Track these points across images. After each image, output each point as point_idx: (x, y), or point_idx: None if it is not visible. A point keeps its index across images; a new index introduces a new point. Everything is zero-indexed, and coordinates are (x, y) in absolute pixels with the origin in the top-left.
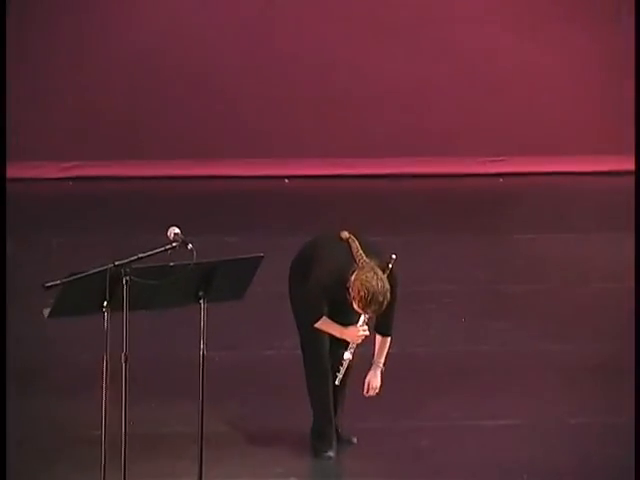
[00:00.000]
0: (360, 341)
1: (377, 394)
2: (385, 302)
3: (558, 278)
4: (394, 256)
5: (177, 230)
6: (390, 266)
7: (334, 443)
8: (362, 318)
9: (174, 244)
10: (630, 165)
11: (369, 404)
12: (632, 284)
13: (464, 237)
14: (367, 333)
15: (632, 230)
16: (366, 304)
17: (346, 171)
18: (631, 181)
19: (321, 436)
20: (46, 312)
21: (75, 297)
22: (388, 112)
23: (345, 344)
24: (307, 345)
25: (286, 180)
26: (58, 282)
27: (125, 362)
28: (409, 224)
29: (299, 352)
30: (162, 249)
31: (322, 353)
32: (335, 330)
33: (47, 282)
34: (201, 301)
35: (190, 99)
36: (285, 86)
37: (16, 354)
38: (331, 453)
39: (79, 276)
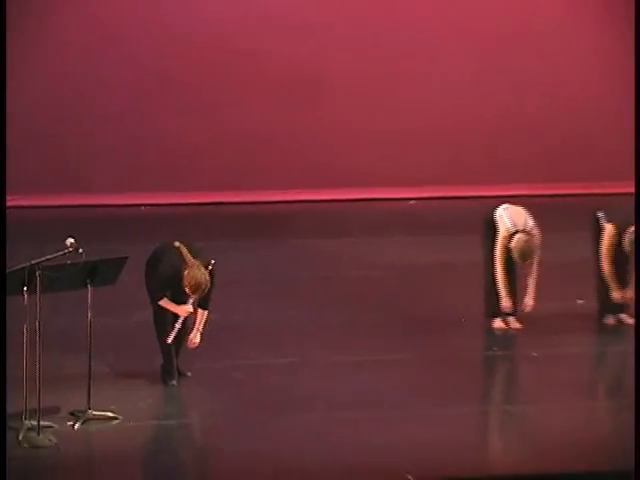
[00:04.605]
0: (186, 315)
1: (197, 346)
2: (206, 289)
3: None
4: (213, 261)
5: (72, 240)
6: (210, 267)
7: (175, 375)
8: (190, 300)
9: (70, 249)
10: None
11: (199, 352)
12: (382, 272)
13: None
14: (191, 310)
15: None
16: (194, 291)
17: (180, 200)
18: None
19: (167, 371)
20: None
21: (6, 284)
22: (215, 153)
23: (177, 316)
24: (156, 314)
25: (143, 207)
26: None
27: (39, 328)
28: (225, 236)
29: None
30: (62, 252)
31: (164, 319)
32: (171, 307)
33: None
34: (89, 286)
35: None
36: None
37: None
38: (174, 382)
39: (8, 271)
